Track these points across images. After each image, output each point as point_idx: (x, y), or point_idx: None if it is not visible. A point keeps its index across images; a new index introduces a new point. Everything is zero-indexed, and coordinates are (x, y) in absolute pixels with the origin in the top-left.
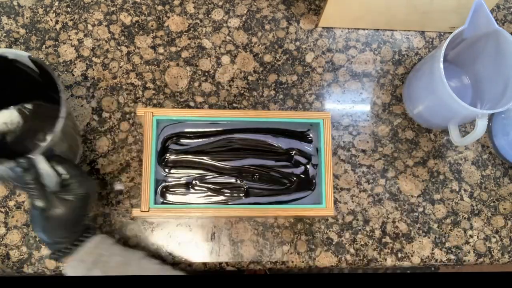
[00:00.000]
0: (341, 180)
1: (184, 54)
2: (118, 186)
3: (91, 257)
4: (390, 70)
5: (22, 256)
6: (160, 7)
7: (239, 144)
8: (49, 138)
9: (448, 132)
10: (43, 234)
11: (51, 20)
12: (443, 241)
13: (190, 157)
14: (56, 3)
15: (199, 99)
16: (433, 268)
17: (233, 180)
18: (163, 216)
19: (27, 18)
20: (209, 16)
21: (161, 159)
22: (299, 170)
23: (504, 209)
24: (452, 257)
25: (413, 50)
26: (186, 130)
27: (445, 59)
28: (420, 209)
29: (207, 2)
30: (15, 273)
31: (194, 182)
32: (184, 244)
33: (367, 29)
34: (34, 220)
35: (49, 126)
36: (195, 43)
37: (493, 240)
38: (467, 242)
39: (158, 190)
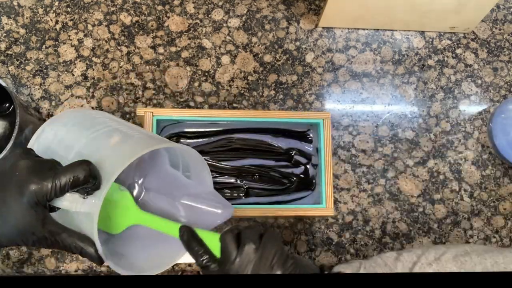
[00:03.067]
0: (341, 180)
1: (184, 54)
2: None
3: None
4: (390, 70)
5: (22, 256)
6: (160, 7)
7: (239, 144)
8: None
9: None
10: None
11: (51, 20)
12: (443, 241)
13: None
14: (56, 3)
15: (199, 99)
16: None
17: (233, 180)
18: None
19: (27, 18)
20: (209, 16)
21: None
22: (299, 170)
23: (504, 209)
24: None
25: (413, 50)
26: (186, 130)
27: None
28: (420, 209)
29: (207, 2)
30: (15, 273)
31: None
32: None
33: (367, 29)
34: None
35: None
36: (195, 43)
37: (493, 240)
38: (467, 242)
39: None
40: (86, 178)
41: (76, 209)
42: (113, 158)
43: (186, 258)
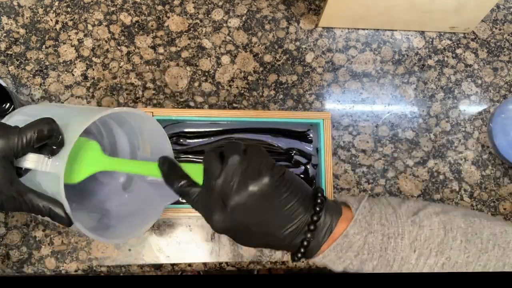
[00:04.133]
0: (341, 180)
1: (184, 54)
2: None
3: None
4: (390, 70)
5: (22, 256)
6: (160, 7)
7: None
8: None
9: None
10: None
11: (51, 20)
12: None
13: (190, 157)
14: (56, 3)
15: (199, 99)
16: None
17: None
18: (163, 216)
19: (27, 18)
20: (209, 16)
21: None
22: (299, 170)
23: (504, 209)
24: None
25: (413, 50)
26: (186, 130)
27: None
28: None
29: (207, 2)
30: (15, 273)
31: None
32: (184, 244)
33: (367, 29)
34: None
35: None
36: (195, 43)
37: None
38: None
39: None
40: (50, 132)
41: (42, 169)
42: (75, 122)
43: (186, 258)
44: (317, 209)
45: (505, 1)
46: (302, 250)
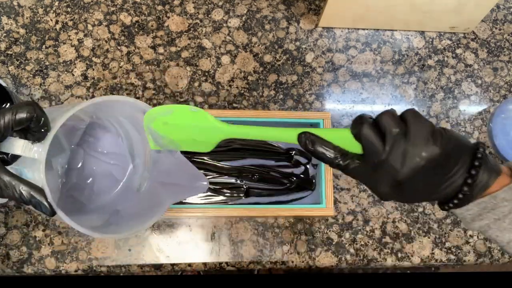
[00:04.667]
0: (341, 180)
1: (184, 54)
2: None
3: None
4: (390, 70)
5: (22, 256)
6: (160, 7)
7: (239, 144)
8: None
9: None
10: None
11: (51, 20)
12: (443, 241)
13: (189, 156)
14: (56, 3)
15: (199, 99)
16: (433, 268)
17: (233, 180)
18: (163, 215)
19: (27, 18)
20: (209, 16)
21: None
22: (299, 170)
23: None
24: (452, 257)
25: (413, 50)
26: None
27: None
28: (420, 209)
29: (207, 2)
30: (15, 273)
31: None
32: (184, 244)
33: (367, 29)
34: None
35: None
36: (195, 43)
37: None
38: (467, 242)
39: None
40: (30, 113)
41: (25, 154)
42: (61, 113)
43: (186, 258)
44: (476, 163)
45: (505, 1)
46: (455, 201)
